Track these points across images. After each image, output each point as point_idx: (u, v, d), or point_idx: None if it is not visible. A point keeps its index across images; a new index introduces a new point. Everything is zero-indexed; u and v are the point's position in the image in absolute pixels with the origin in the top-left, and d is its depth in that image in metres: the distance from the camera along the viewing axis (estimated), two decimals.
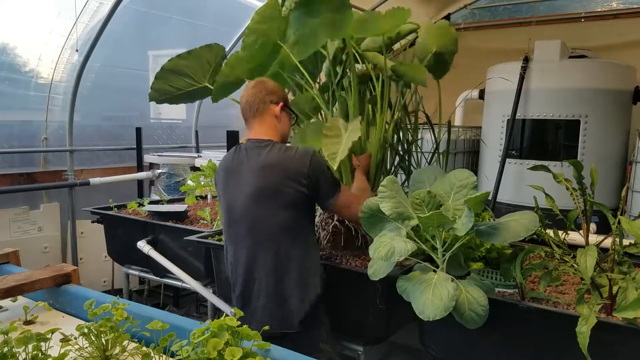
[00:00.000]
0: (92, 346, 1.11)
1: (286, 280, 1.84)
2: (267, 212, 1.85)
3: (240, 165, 1.93)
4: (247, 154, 1.93)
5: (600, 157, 3.97)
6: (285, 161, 1.85)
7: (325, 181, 1.89)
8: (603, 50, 4.98)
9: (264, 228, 1.85)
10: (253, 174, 1.87)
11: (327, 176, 1.89)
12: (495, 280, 1.97)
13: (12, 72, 4.05)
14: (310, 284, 1.86)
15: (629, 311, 1.41)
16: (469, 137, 4.97)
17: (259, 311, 1.85)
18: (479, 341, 1.74)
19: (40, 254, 4.05)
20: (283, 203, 1.83)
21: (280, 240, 1.84)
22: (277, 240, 1.84)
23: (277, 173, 1.84)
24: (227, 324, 1.00)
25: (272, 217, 1.84)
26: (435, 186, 1.83)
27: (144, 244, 2.86)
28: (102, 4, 3.99)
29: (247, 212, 1.88)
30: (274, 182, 1.83)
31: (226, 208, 1.96)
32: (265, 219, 1.85)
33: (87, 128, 4.62)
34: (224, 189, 1.99)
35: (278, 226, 1.84)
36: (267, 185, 1.84)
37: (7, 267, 1.76)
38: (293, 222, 1.86)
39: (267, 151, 1.88)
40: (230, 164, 1.99)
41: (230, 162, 1.99)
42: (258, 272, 1.87)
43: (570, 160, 1.80)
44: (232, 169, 1.97)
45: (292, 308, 1.83)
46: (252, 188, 1.86)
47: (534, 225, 1.63)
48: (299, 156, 1.85)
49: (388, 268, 1.74)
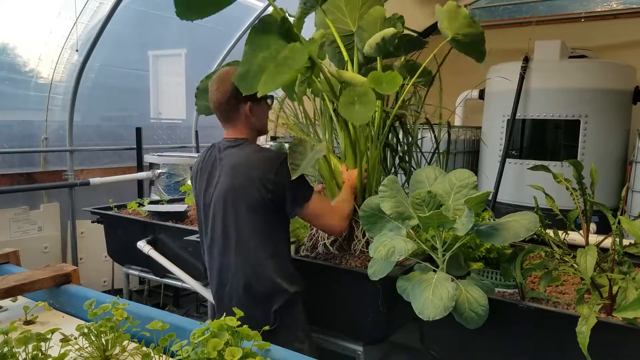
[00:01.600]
0: (92, 346, 1.11)
1: (254, 285, 1.84)
2: (236, 214, 1.83)
3: (213, 165, 1.93)
4: (219, 154, 1.92)
5: (600, 157, 3.97)
6: (253, 163, 1.83)
7: (293, 189, 1.82)
8: (603, 50, 4.98)
9: (234, 230, 1.84)
10: (223, 174, 1.86)
11: (296, 184, 1.80)
12: (495, 280, 1.97)
13: (12, 72, 4.05)
14: (279, 289, 1.84)
15: (629, 311, 1.41)
16: (469, 137, 4.97)
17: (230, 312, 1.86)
18: (479, 341, 1.74)
19: (40, 254, 4.05)
20: (251, 206, 1.81)
21: (249, 244, 1.83)
22: (245, 243, 1.83)
23: (244, 174, 1.82)
24: (227, 324, 1.00)
25: (241, 219, 1.83)
26: (436, 186, 1.83)
27: (144, 244, 2.87)
28: (102, 4, 4.00)
29: (218, 213, 1.87)
30: (242, 184, 1.81)
31: (201, 207, 1.97)
32: (234, 221, 1.84)
33: (87, 128, 4.62)
34: (197, 188, 1.99)
35: (247, 229, 1.83)
36: (235, 186, 1.82)
37: (7, 267, 1.76)
38: (262, 226, 1.84)
39: (239, 151, 1.87)
40: (203, 164, 1.99)
41: (203, 161, 1.99)
42: (229, 274, 1.88)
43: (570, 160, 1.80)
44: (204, 168, 1.97)
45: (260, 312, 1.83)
46: (222, 188, 1.86)
47: (534, 225, 1.63)
48: (268, 160, 1.82)
49: (388, 268, 1.74)
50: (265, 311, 1.84)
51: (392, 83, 1.85)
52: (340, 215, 1.99)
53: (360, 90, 1.83)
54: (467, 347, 1.79)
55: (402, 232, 1.75)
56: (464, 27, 2.06)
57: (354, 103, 1.82)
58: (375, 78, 1.85)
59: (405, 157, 2.50)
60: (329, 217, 1.94)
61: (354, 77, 1.92)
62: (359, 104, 1.81)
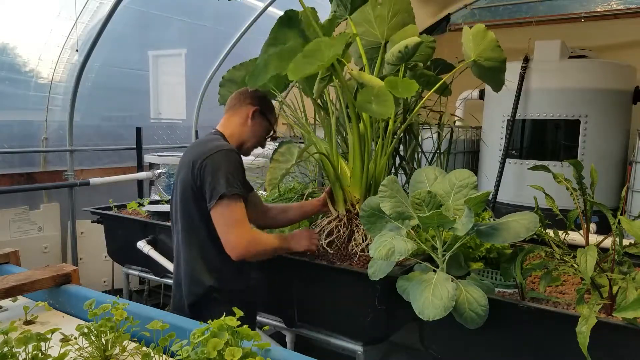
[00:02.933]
0: (92, 346, 1.11)
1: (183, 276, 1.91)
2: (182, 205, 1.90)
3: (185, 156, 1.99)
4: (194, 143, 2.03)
5: (600, 157, 3.97)
6: (198, 146, 1.89)
7: (212, 181, 1.74)
8: (603, 50, 4.98)
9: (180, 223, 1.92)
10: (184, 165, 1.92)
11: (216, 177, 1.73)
12: (495, 280, 1.97)
13: (12, 72, 4.05)
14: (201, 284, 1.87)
15: (629, 311, 1.41)
16: (469, 137, 4.97)
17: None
18: (478, 341, 1.74)
19: (40, 254, 4.05)
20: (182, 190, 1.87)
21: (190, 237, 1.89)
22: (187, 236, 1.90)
23: (183, 158, 1.91)
24: (227, 324, 1.00)
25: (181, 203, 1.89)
26: (436, 186, 1.83)
27: (144, 244, 2.87)
28: (102, 4, 3.99)
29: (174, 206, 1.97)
30: (180, 165, 1.91)
31: None
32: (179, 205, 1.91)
33: (87, 128, 4.62)
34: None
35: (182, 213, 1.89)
36: (182, 178, 1.88)
37: (7, 267, 1.76)
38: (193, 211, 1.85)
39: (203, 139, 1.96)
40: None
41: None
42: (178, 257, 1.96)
43: (570, 160, 1.80)
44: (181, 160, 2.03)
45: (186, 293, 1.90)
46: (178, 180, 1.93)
47: (534, 225, 1.63)
48: (206, 148, 1.82)
49: (388, 268, 1.74)
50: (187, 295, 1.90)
51: (407, 88, 1.87)
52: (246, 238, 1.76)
53: (376, 91, 1.86)
54: (467, 347, 1.79)
55: (402, 232, 1.75)
56: (488, 50, 2.07)
57: (371, 102, 1.86)
58: (391, 82, 1.87)
59: (405, 157, 2.50)
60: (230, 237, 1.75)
61: (372, 80, 1.94)
62: (375, 104, 1.86)
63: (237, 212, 1.76)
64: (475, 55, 2.06)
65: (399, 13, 2.28)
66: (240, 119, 1.98)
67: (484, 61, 2.07)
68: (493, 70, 2.10)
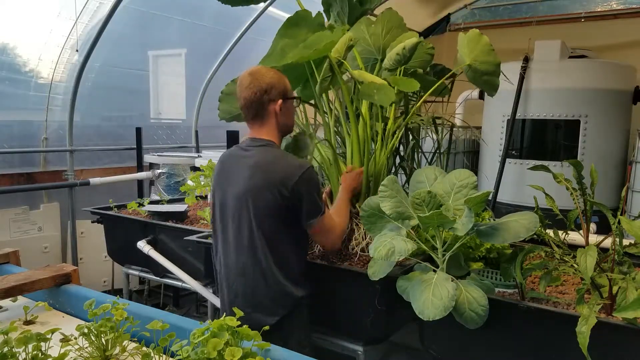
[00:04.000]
0: (92, 346, 1.11)
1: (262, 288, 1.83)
2: (250, 215, 1.83)
3: (235, 164, 1.92)
4: (243, 153, 1.91)
5: (600, 157, 3.97)
6: (274, 166, 1.82)
7: (309, 201, 1.82)
8: (603, 50, 4.98)
9: (247, 231, 1.84)
10: (246, 174, 1.85)
11: (313, 196, 1.82)
12: (495, 280, 1.97)
13: (12, 72, 4.05)
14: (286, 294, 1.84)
15: (629, 311, 1.41)
16: (469, 137, 4.97)
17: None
18: (479, 341, 1.74)
19: (40, 254, 4.05)
20: (265, 208, 1.81)
21: (260, 246, 1.82)
22: (255, 245, 1.83)
23: (263, 176, 1.81)
24: (227, 324, 1.00)
25: (254, 221, 1.82)
26: (436, 186, 1.83)
27: (144, 244, 2.86)
28: (102, 4, 3.99)
29: (234, 212, 1.87)
30: (259, 185, 1.80)
31: (217, 205, 1.96)
32: (248, 223, 1.83)
33: (87, 128, 4.62)
34: (216, 185, 1.98)
35: (259, 231, 1.82)
36: (253, 186, 1.82)
37: (7, 267, 1.76)
38: (274, 230, 1.83)
39: (263, 152, 1.86)
40: (226, 161, 1.99)
41: (227, 159, 1.99)
42: (238, 275, 1.87)
43: (570, 160, 1.80)
44: (226, 166, 1.96)
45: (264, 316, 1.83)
46: (241, 188, 1.85)
47: (534, 225, 1.63)
48: (291, 167, 1.81)
49: (388, 268, 1.74)
50: (270, 315, 1.83)
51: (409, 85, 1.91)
52: (340, 234, 2.01)
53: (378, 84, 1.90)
54: (467, 347, 1.79)
55: (402, 232, 1.75)
56: (483, 54, 2.09)
57: (373, 95, 1.90)
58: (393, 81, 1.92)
59: (405, 157, 2.50)
60: (332, 236, 1.95)
61: (373, 78, 1.96)
62: (378, 95, 1.89)
63: (330, 220, 1.94)
64: (470, 60, 2.09)
65: (393, 29, 2.29)
66: (273, 118, 1.90)
67: (478, 65, 2.09)
68: (488, 74, 2.13)
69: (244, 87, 1.87)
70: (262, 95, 1.85)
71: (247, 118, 1.94)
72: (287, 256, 1.87)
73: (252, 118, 1.92)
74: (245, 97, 1.87)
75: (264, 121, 1.91)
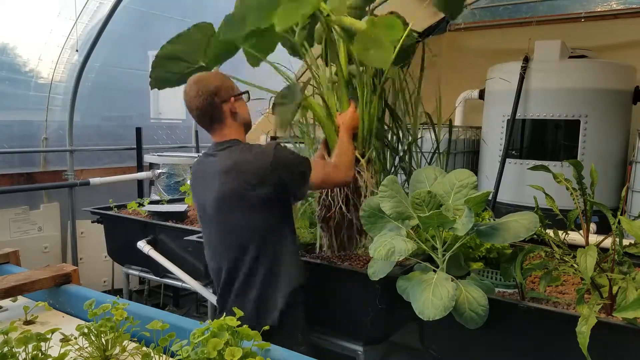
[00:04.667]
0: (92, 346, 1.11)
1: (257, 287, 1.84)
2: (235, 216, 1.83)
3: (206, 171, 1.93)
4: (211, 159, 1.92)
5: (600, 157, 3.96)
6: (245, 164, 1.81)
7: (292, 172, 1.83)
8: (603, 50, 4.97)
9: (233, 232, 1.85)
10: (216, 179, 1.85)
11: (292, 165, 1.83)
12: (495, 280, 1.97)
13: (12, 72, 4.05)
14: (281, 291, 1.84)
15: (629, 311, 1.41)
16: (469, 137, 4.96)
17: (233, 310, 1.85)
18: (478, 341, 1.74)
19: (40, 254, 4.05)
20: (250, 206, 1.81)
21: (251, 242, 1.83)
22: (247, 242, 1.83)
23: (238, 177, 1.80)
24: (227, 324, 1.00)
25: (240, 221, 1.83)
26: (436, 186, 1.83)
27: (144, 244, 2.86)
28: (102, 4, 4.00)
29: (216, 217, 1.88)
30: (237, 187, 1.80)
31: (199, 211, 1.98)
32: (234, 224, 1.84)
33: (87, 128, 4.62)
34: (194, 193, 2.01)
35: (247, 229, 1.83)
36: (230, 191, 1.81)
37: (7, 267, 1.76)
38: (262, 224, 1.84)
39: (230, 154, 1.86)
40: (197, 169, 2.00)
41: (197, 166, 2.00)
42: (230, 273, 1.88)
43: (570, 160, 1.79)
44: (199, 174, 1.98)
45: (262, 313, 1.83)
46: (217, 194, 1.84)
47: (534, 225, 1.63)
48: (259, 157, 1.81)
49: (388, 268, 1.74)
50: (266, 312, 1.84)
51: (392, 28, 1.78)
52: (344, 168, 2.01)
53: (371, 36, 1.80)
54: (467, 347, 1.79)
55: (402, 232, 1.75)
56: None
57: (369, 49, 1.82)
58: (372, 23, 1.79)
59: (405, 157, 2.50)
60: (334, 176, 1.97)
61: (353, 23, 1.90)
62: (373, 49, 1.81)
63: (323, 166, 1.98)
64: None
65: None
66: (230, 118, 1.91)
67: None
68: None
69: (192, 96, 1.87)
70: (212, 98, 1.85)
71: (205, 125, 1.93)
72: (278, 252, 1.87)
73: (210, 123, 1.91)
74: (197, 106, 1.87)
75: (223, 123, 1.91)
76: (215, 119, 1.90)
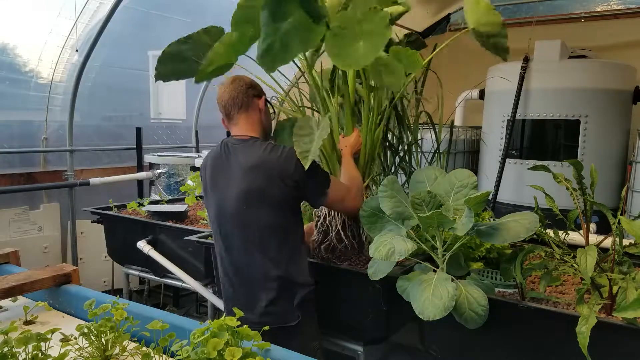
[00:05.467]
0: (92, 346, 1.11)
1: (276, 281, 1.85)
2: (256, 213, 1.84)
3: (228, 164, 1.91)
4: (234, 152, 1.91)
5: (600, 157, 3.97)
6: (271, 162, 1.83)
7: (314, 180, 1.86)
8: (603, 50, 4.97)
9: (253, 229, 1.85)
10: (241, 174, 1.85)
11: (315, 175, 1.86)
12: (495, 280, 1.97)
13: (12, 72, 4.05)
14: (299, 285, 1.87)
15: (629, 311, 1.41)
16: (469, 137, 4.97)
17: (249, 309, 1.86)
18: (478, 341, 1.74)
19: (40, 254, 4.05)
20: (271, 204, 1.83)
21: (270, 241, 1.85)
22: (266, 240, 1.85)
23: (264, 175, 1.82)
24: (227, 324, 1.00)
25: (261, 218, 1.84)
26: (436, 186, 1.83)
27: (144, 244, 2.86)
28: (102, 4, 3.99)
29: (237, 213, 1.87)
30: (261, 184, 1.82)
31: (215, 207, 1.95)
32: (254, 221, 1.85)
33: (87, 128, 4.62)
34: (212, 187, 1.97)
35: (267, 227, 1.84)
36: (254, 187, 1.83)
37: (7, 267, 1.76)
38: (282, 222, 1.86)
39: (254, 150, 1.86)
40: (217, 162, 1.97)
41: (218, 159, 1.97)
42: (250, 273, 1.88)
43: (570, 160, 1.79)
44: (219, 167, 1.95)
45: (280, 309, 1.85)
46: (240, 189, 1.85)
47: (534, 225, 1.63)
48: (286, 157, 1.82)
49: (388, 268, 1.74)
50: (286, 307, 1.85)
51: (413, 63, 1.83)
52: (356, 195, 2.02)
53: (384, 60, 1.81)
54: (467, 347, 1.79)
55: (402, 232, 1.75)
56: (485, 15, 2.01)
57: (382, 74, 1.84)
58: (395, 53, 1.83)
59: (405, 157, 2.50)
60: (350, 199, 1.98)
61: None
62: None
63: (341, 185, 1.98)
64: (473, 23, 2.02)
65: None
66: (258, 114, 1.95)
67: (482, 27, 2.02)
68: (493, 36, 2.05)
69: (227, 84, 1.94)
70: (247, 89, 1.93)
71: (232, 112, 1.94)
72: (295, 247, 1.90)
73: (238, 111, 1.92)
74: (231, 89, 1.92)
75: (250, 115, 1.93)
76: (242, 106, 1.92)
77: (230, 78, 1.97)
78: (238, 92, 1.91)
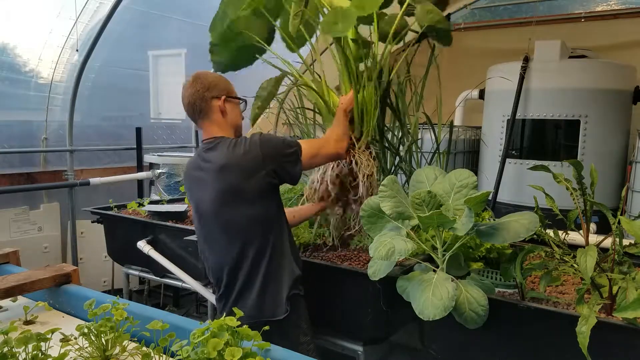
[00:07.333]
0: (92, 346, 1.11)
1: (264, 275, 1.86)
2: (235, 210, 1.85)
3: (199, 170, 1.93)
4: (204, 157, 1.92)
5: (600, 157, 3.96)
6: (237, 158, 1.83)
7: (284, 153, 1.87)
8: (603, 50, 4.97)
9: (235, 226, 1.86)
10: (212, 177, 1.87)
11: (282, 147, 1.87)
12: (495, 280, 1.97)
13: (12, 72, 4.05)
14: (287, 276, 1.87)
15: (629, 311, 1.41)
16: (468, 137, 4.96)
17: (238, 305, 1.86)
18: (478, 341, 1.74)
19: (40, 254, 4.05)
20: (248, 199, 1.84)
21: (254, 234, 1.85)
22: (250, 234, 1.85)
23: (235, 173, 1.83)
24: (227, 324, 1.00)
25: (241, 214, 1.85)
26: (436, 186, 1.83)
27: (144, 244, 2.87)
28: (102, 4, 3.99)
29: (216, 214, 1.88)
30: (234, 182, 1.83)
31: (195, 211, 1.98)
32: (235, 218, 1.86)
33: (87, 128, 4.62)
34: (190, 195, 2.01)
35: (249, 221, 1.85)
36: (228, 187, 1.84)
37: (7, 267, 1.76)
38: (263, 216, 1.87)
39: (220, 151, 1.87)
40: (190, 169, 2.00)
41: (191, 167, 2.00)
42: (233, 269, 1.89)
43: (570, 160, 1.79)
44: (192, 174, 1.98)
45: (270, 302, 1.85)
46: (214, 192, 1.86)
47: (534, 225, 1.63)
48: (248, 148, 1.83)
49: (388, 268, 1.74)
50: (276, 300, 1.85)
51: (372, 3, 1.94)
52: (334, 140, 2.06)
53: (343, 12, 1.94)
54: (467, 347, 1.79)
55: (402, 232, 1.75)
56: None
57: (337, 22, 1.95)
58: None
59: (405, 157, 2.50)
60: (325, 149, 2.03)
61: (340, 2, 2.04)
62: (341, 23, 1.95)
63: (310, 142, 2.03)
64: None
65: None
66: (219, 114, 1.93)
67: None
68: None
69: (187, 88, 1.93)
70: (204, 91, 1.91)
71: (194, 118, 1.97)
72: (279, 238, 1.89)
73: (199, 115, 1.94)
74: (188, 95, 1.92)
75: (211, 117, 1.93)
76: (201, 112, 1.93)
77: (192, 77, 1.94)
78: (195, 98, 1.91)
